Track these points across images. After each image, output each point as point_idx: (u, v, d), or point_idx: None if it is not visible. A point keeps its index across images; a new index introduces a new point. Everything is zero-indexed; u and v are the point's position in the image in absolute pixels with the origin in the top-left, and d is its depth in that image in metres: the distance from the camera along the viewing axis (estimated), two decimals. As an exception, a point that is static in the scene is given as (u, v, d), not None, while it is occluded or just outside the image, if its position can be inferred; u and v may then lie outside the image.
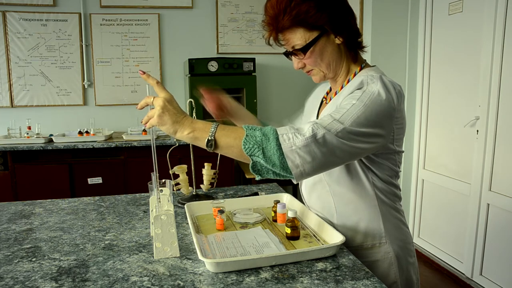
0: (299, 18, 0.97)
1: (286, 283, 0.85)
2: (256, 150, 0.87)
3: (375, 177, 1.04)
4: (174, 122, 0.90)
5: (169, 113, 0.90)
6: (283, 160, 0.86)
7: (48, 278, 0.90)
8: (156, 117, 0.90)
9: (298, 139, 0.86)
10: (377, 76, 0.98)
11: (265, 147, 0.87)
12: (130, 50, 3.51)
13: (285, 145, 0.86)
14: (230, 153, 0.91)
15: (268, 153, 0.87)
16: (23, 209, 1.44)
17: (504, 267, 2.28)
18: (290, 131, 0.88)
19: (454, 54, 2.64)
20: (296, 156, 0.86)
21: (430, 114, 2.93)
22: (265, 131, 0.88)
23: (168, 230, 0.98)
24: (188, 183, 1.49)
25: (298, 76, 3.75)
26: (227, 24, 3.62)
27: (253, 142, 0.87)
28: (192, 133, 0.91)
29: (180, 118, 0.91)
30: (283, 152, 0.86)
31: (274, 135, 0.87)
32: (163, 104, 0.90)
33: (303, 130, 0.88)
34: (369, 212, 1.05)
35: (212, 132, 0.90)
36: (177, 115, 0.91)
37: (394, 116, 0.96)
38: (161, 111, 0.90)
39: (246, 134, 0.88)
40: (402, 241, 1.09)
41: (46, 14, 3.33)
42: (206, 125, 0.91)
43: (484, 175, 2.39)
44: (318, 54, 1.02)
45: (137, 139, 3.02)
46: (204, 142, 0.90)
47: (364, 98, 0.92)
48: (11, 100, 3.37)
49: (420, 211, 3.07)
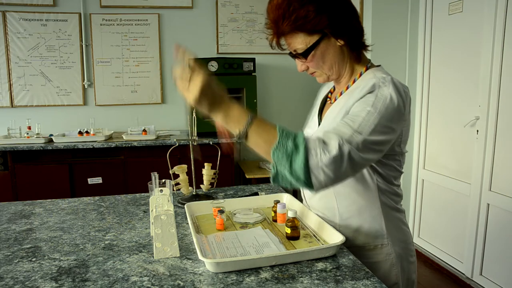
0: (298, 23, 0.96)
1: (286, 283, 0.85)
2: (285, 161, 0.85)
3: (380, 178, 1.04)
4: (210, 105, 0.88)
5: (207, 97, 0.87)
6: (307, 175, 0.84)
7: (48, 278, 0.90)
8: (193, 99, 0.86)
9: (325, 157, 0.84)
10: (388, 79, 0.97)
11: (294, 160, 0.84)
12: (130, 50, 3.51)
13: (313, 161, 0.84)
14: (256, 150, 0.90)
15: (295, 165, 0.84)
16: (23, 209, 1.44)
17: (504, 267, 2.28)
18: (319, 146, 0.85)
19: (454, 54, 2.64)
20: (321, 173, 0.84)
21: (430, 114, 2.93)
22: (298, 142, 0.85)
23: (168, 230, 0.98)
24: (188, 183, 1.49)
25: (298, 76, 3.75)
26: (227, 24, 3.62)
27: (283, 152, 0.85)
28: (226, 118, 0.89)
29: (218, 100, 0.88)
30: (309, 167, 0.84)
31: (304, 148, 0.84)
32: (201, 89, 0.86)
33: (329, 145, 0.85)
34: (372, 213, 1.05)
35: (246, 125, 0.87)
36: (214, 97, 0.88)
37: (404, 119, 0.97)
38: (199, 95, 0.86)
39: (277, 142, 0.85)
40: (403, 242, 1.09)
41: (46, 14, 3.33)
42: (241, 114, 0.88)
43: (484, 175, 2.39)
44: (320, 57, 1.02)
45: (137, 139, 3.02)
46: (236, 130, 0.89)
47: (378, 104, 0.92)
48: (11, 100, 3.36)
49: (420, 211, 3.07)
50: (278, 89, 3.80)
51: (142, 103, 3.58)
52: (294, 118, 3.84)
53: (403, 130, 1.00)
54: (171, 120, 3.64)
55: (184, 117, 2.56)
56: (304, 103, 3.86)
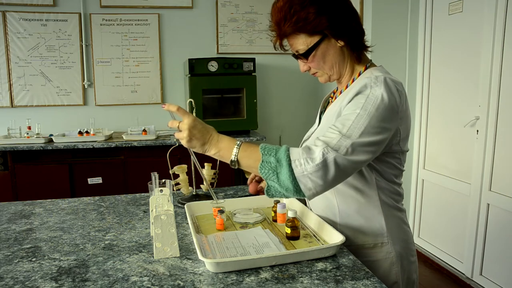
0: (299, 25, 0.99)
1: (286, 283, 0.85)
2: (271, 175, 0.91)
3: (379, 177, 1.04)
4: (202, 145, 0.98)
5: (195, 137, 0.97)
6: (296, 184, 0.89)
7: (48, 278, 0.90)
8: (186, 142, 0.97)
9: (309, 166, 0.88)
10: (381, 78, 0.98)
11: (279, 172, 0.90)
12: (130, 50, 3.51)
13: (297, 170, 0.89)
14: (252, 171, 0.99)
15: (282, 177, 0.90)
16: (23, 209, 1.44)
17: (504, 267, 2.28)
18: (302, 156, 0.90)
19: (454, 54, 2.64)
20: (308, 181, 0.89)
21: (430, 114, 2.93)
22: (279, 156, 0.91)
23: (168, 230, 0.98)
24: (188, 183, 1.49)
25: (298, 76, 3.75)
26: (227, 24, 3.62)
27: (268, 168, 0.92)
28: (218, 153, 0.98)
29: (207, 139, 0.98)
30: (295, 177, 0.89)
31: (287, 161, 0.90)
32: (188, 131, 0.96)
33: (314, 153, 0.89)
34: (372, 212, 1.06)
35: (235, 154, 0.96)
36: (203, 137, 0.97)
37: (399, 117, 0.98)
38: (188, 138, 0.97)
39: (262, 160, 0.92)
40: (404, 241, 1.09)
41: (46, 14, 3.33)
42: (230, 144, 0.97)
43: (484, 175, 2.39)
44: (321, 58, 1.04)
45: (137, 139, 3.02)
46: (229, 161, 0.97)
47: (368, 106, 0.93)
48: (11, 100, 3.36)
49: (420, 211, 3.07)
50: (278, 89, 3.80)
51: (142, 103, 3.58)
52: (294, 118, 3.85)
53: (401, 128, 1.00)
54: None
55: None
56: (304, 103, 3.87)
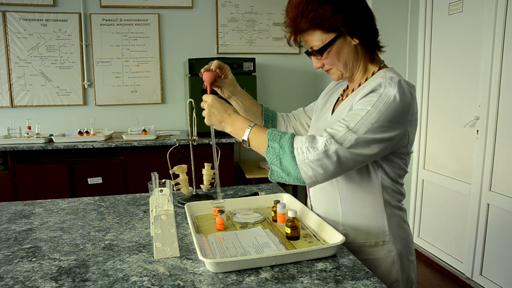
0: (316, 21, 1.00)
1: (286, 283, 0.85)
2: (275, 160, 0.96)
3: (384, 175, 1.05)
4: (219, 122, 1.08)
5: (214, 115, 1.07)
6: (297, 171, 0.93)
7: (48, 278, 0.90)
8: (206, 120, 1.09)
9: (311, 154, 0.91)
10: (396, 79, 0.98)
11: (282, 157, 0.95)
12: (130, 50, 3.51)
13: (299, 158, 0.92)
14: (260, 152, 1.02)
15: (284, 163, 0.94)
16: (23, 209, 1.44)
17: (504, 267, 2.28)
18: (305, 144, 0.93)
19: (454, 54, 2.64)
20: (309, 169, 0.92)
21: (430, 114, 2.93)
22: (283, 142, 0.95)
23: (168, 230, 0.98)
24: (188, 183, 1.49)
25: (298, 76, 3.75)
26: (227, 24, 3.62)
27: (272, 153, 0.97)
28: (233, 131, 1.06)
29: (224, 118, 1.07)
30: (297, 164, 0.92)
31: (289, 148, 0.94)
32: (208, 110, 1.08)
33: (317, 142, 0.92)
34: (375, 210, 1.06)
35: (246, 134, 1.02)
36: (221, 115, 1.07)
37: (408, 120, 0.99)
38: (208, 115, 1.08)
39: (267, 145, 0.97)
40: (404, 240, 1.10)
41: (46, 14, 3.33)
42: (244, 125, 1.04)
43: (484, 175, 2.39)
44: (335, 55, 1.05)
45: (137, 139, 3.02)
46: (241, 140, 1.04)
47: (379, 104, 0.94)
48: (11, 100, 3.36)
49: (420, 211, 3.07)
50: (278, 89, 3.80)
51: (142, 103, 3.58)
52: (294, 118, 3.84)
53: (409, 131, 1.01)
54: (171, 120, 3.64)
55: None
56: (304, 103, 3.85)
